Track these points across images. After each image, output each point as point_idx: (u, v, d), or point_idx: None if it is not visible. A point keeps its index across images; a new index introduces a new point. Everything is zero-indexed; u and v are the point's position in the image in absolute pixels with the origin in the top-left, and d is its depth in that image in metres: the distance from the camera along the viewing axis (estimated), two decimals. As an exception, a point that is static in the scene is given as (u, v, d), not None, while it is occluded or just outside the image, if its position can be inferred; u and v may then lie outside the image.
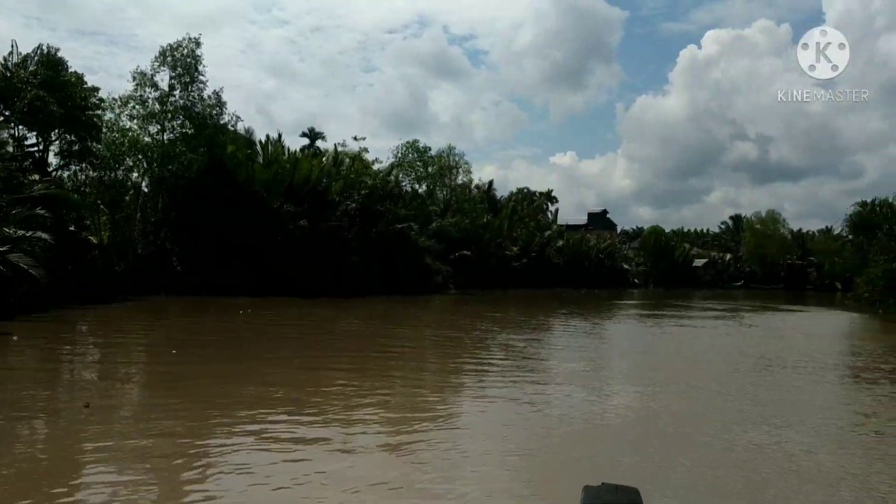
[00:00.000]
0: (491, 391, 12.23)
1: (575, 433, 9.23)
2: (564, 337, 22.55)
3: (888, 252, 31.83)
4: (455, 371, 14.78)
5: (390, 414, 10.20)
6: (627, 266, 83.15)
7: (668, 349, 19.52)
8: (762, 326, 29.17)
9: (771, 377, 14.26)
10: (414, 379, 13.29)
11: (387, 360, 15.57)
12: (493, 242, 60.23)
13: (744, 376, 14.27)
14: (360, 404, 10.57)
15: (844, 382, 13.95)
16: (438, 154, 59.39)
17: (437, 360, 16.31)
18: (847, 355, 18.94)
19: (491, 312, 32.09)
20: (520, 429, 9.52)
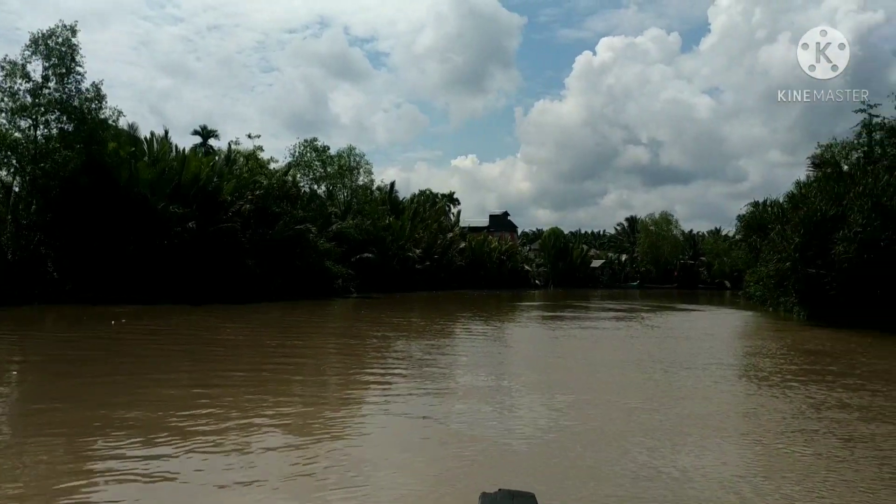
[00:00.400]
0: (392, 407, 10.78)
1: (479, 455, 7.89)
2: (467, 343, 21.24)
3: (780, 251, 32.20)
4: (354, 385, 13.17)
5: (289, 438, 8.62)
6: (528, 267, 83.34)
7: (576, 355, 18.46)
8: (664, 327, 28.84)
9: (686, 386, 13.34)
10: (309, 397, 11.60)
11: (280, 375, 13.81)
12: (395, 245, 58.71)
13: (658, 385, 13.28)
14: (247, 428, 8.85)
15: (762, 390, 13.16)
16: (338, 154, 57.33)
17: (334, 374, 14.63)
18: (754, 356, 18.43)
19: (392, 317, 30.54)
20: (422, 451, 8.41)
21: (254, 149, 45.95)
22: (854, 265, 27.73)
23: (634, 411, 10.62)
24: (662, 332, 26.08)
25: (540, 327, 28.50)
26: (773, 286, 40.38)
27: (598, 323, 30.32)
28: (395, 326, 25.72)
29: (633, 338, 23.85)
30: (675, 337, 23.98)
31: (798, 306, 36.24)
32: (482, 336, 23.56)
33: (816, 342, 22.13)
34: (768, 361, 17.11)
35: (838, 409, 10.97)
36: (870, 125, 34.18)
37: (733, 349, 20.35)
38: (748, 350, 19.82)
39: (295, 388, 12.54)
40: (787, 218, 34.99)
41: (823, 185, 32.67)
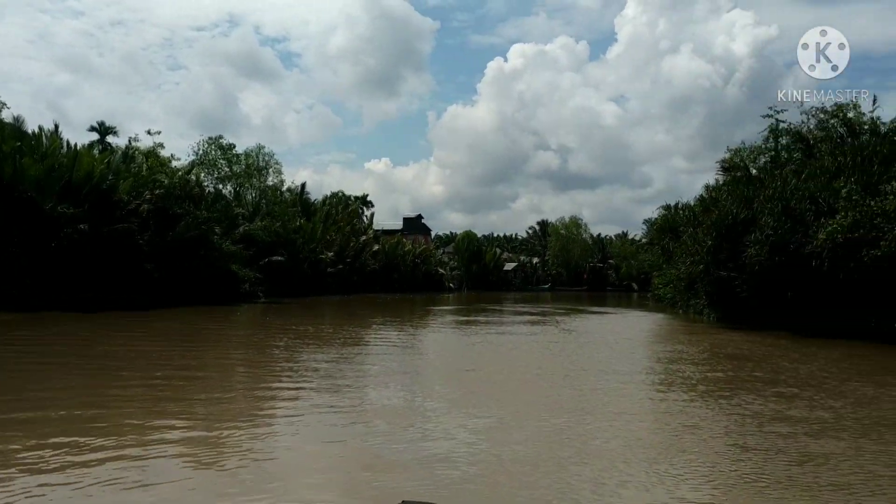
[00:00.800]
0: (295, 429, 9.30)
1: (395, 488, 6.54)
2: (378, 353, 19.74)
3: (693, 254, 32.13)
4: (256, 403, 11.54)
5: (187, 465, 7.03)
6: (442, 270, 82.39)
7: (495, 365, 17.23)
8: (581, 331, 28.16)
9: (618, 399, 12.34)
10: (207, 418, 9.92)
11: (174, 391, 12.02)
12: (306, 247, 56.52)
13: (588, 400, 12.21)
14: (138, 457, 7.16)
15: (696, 401, 12.28)
16: (246, 153, 54.78)
17: (232, 392, 12.89)
18: (678, 363, 17.69)
19: (300, 324, 28.70)
20: (328, 480, 7.30)
21: (154, 146, 43.06)
22: (765, 268, 27.75)
23: (567, 432, 9.44)
24: (581, 338, 25.30)
25: (455, 333, 27.29)
26: (684, 288, 40.63)
27: (515, 328, 29.38)
28: (301, 335, 23.96)
29: (553, 343, 22.93)
30: (595, 342, 23.21)
31: (708, 308, 36.42)
32: (395, 344, 22.14)
33: (734, 346, 21.75)
34: (693, 369, 16.38)
35: (780, 423, 10.13)
36: (776, 130, 34.67)
37: (655, 355, 19.65)
38: (670, 356, 19.13)
39: (193, 408, 10.82)
40: (698, 221, 35.08)
41: (733, 189, 32.85)
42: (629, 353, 19.91)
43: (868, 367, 17.42)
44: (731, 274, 30.71)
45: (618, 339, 24.52)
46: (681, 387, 13.60)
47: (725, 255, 30.69)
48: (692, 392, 12.95)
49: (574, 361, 17.41)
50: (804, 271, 26.72)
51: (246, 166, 54.46)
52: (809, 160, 31.42)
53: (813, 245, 25.72)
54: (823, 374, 15.80)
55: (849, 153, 28.56)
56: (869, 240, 24.14)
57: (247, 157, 54.79)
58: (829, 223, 25.24)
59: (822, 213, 26.83)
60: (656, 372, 15.81)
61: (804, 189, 27.94)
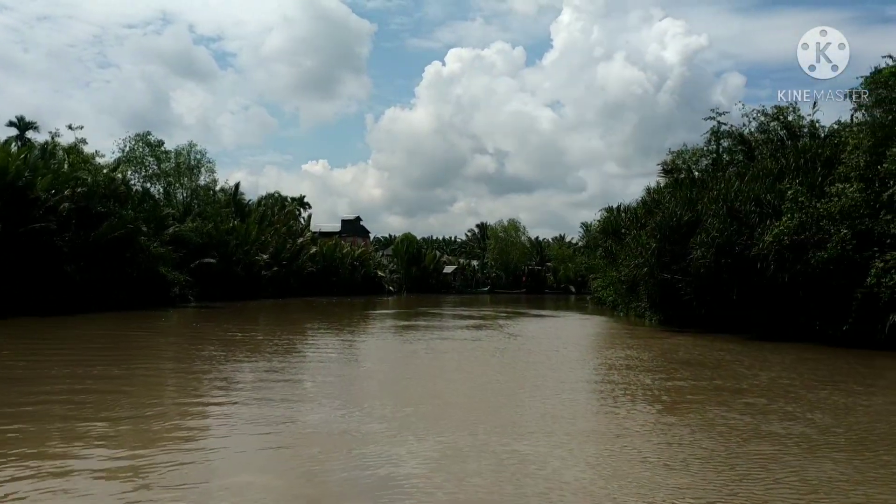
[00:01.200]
0: (209, 461, 7.75)
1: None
2: (314, 363, 18.12)
3: (637, 256, 31.43)
4: (170, 426, 9.89)
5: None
6: (382, 273, 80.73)
7: (442, 377, 15.78)
8: (527, 336, 27.06)
9: (583, 417, 11.18)
10: (121, 442, 8.27)
11: (81, 410, 10.28)
12: (240, 249, 54.17)
13: (551, 419, 10.97)
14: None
15: (666, 416, 11.20)
16: (177, 151, 52.10)
17: (145, 412, 11.18)
18: (634, 371, 16.69)
19: (229, 331, 26.78)
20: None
21: (76, 141, 40.26)
22: (710, 270, 27.19)
23: (533, 460, 8.14)
24: (528, 343, 24.15)
25: (396, 340, 25.81)
26: (626, 291, 40.13)
27: (458, 333, 28.09)
28: (229, 343, 22.08)
29: (501, 350, 21.70)
30: (543, 349, 22.05)
31: (650, 311, 35.92)
32: (332, 353, 20.55)
33: (685, 351, 20.95)
34: (651, 378, 15.36)
35: (762, 440, 9.09)
36: (718, 132, 34.37)
37: (608, 361, 18.58)
38: (625, 363, 18.12)
39: (102, 431, 9.12)
40: (641, 223, 34.53)
41: (676, 191, 32.35)
42: (581, 361, 18.86)
43: (825, 372, 16.74)
44: (674, 276, 30.14)
45: (566, 345, 23.52)
46: (645, 399, 12.48)
47: (669, 258, 30.10)
48: (657, 404, 11.86)
49: (526, 371, 16.18)
50: (749, 274, 26.26)
51: (176, 164, 51.78)
52: (752, 162, 31.13)
53: (759, 247, 25.25)
54: (784, 381, 14.99)
55: (791, 155, 28.27)
56: (815, 241, 23.78)
57: (177, 155, 52.10)
58: (775, 225, 24.79)
59: (767, 216, 26.41)
60: (615, 382, 14.70)
61: (748, 191, 27.51)
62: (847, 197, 23.20)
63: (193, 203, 53.39)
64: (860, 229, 22.89)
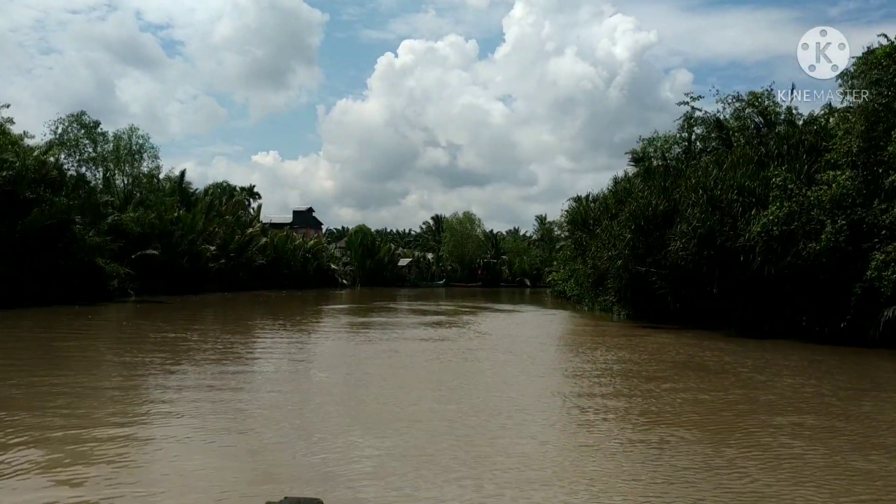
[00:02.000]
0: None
1: None
2: (257, 373, 15.23)
3: (610, 248, 29.27)
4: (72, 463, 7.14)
5: None
6: (335, 266, 77.60)
7: (415, 392, 12.83)
8: (497, 335, 24.68)
9: (599, 449, 8.81)
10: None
11: None
12: (185, 240, 50.60)
13: (555, 453, 8.58)
14: None
15: (703, 442, 8.88)
16: (117, 135, 48.24)
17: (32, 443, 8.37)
18: (639, 380, 14.41)
19: (165, 330, 23.65)
20: None
21: (2, 121, 36.34)
22: (691, 263, 25.22)
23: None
24: (501, 343, 21.71)
25: (354, 341, 22.98)
26: (592, 284, 38.14)
27: (421, 331, 25.53)
28: (158, 347, 18.97)
29: (472, 352, 19.17)
30: (521, 350, 19.61)
31: (618, 305, 33.98)
32: (280, 359, 17.68)
33: (675, 351, 18.86)
34: (658, 387, 13.07)
35: (869, 483, 6.80)
36: (691, 118, 32.52)
37: (602, 366, 16.21)
38: (619, 367, 15.86)
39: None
40: (612, 213, 32.49)
41: (649, 179, 30.33)
42: (572, 366, 16.51)
43: (846, 377, 14.73)
44: (649, 269, 28.16)
45: (544, 345, 21.22)
46: (675, 421, 10.05)
47: (644, 249, 28.10)
48: (696, 429, 9.45)
49: (511, 383, 13.67)
50: (732, 266, 24.37)
51: (116, 150, 47.95)
52: (729, 150, 29.31)
53: (745, 238, 23.34)
54: (809, 389, 12.89)
55: (773, 142, 26.45)
56: (806, 232, 21.95)
57: (117, 139, 48.27)
58: (763, 215, 22.87)
59: (751, 205, 24.54)
60: (624, 394, 12.32)
61: (730, 179, 25.59)
62: (839, 185, 21.36)
63: (135, 191, 49.67)
64: (852, 219, 21.13)
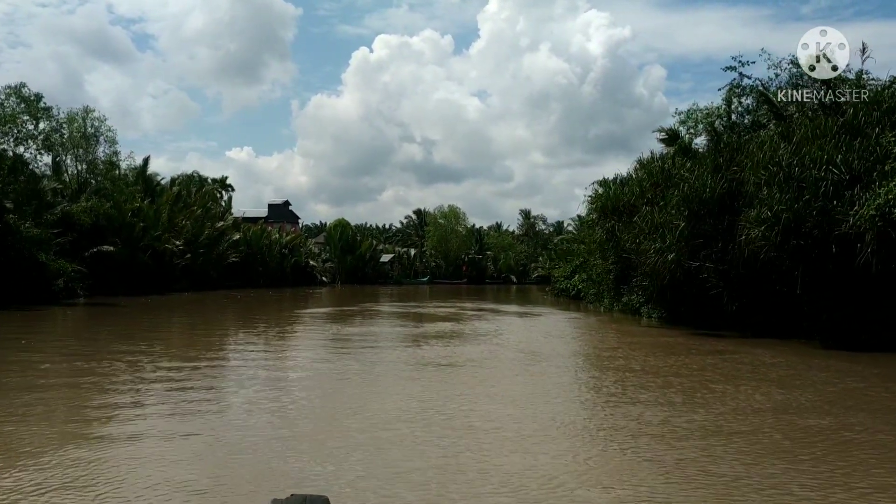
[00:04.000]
0: None
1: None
2: (225, 407, 9.65)
3: (658, 239, 23.67)
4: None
5: None
6: (314, 262, 71.35)
7: (462, 465, 7.45)
8: (537, 353, 18.99)
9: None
10: None
11: None
12: (148, 234, 44.27)
13: None
14: None
15: None
16: (70, 116, 41.70)
17: None
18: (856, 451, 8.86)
19: (118, 340, 17.73)
20: None
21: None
22: (769, 255, 19.77)
23: None
24: (551, 371, 15.94)
25: (347, 365, 16.81)
26: (614, 281, 32.69)
27: (436, 350, 19.59)
28: (108, 360, 13.12)
29: (512, 379, 13.47)
30: (598, 385, 13.92)
31: (648, 306, 28.57)
32: (249, 386, 11.89)
33: (828, 380, 13.33)
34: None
35: None
36: (739, 88, 27.18)
37: (760, 419, 10.60)
38: (801, 420, 10.24)
39: None
40: (648, 198, 26.95)
41: (696, 158, 24.82)
42: (711, 416, 10.82)
43: None
44: (704, 264, 22.72)
45: (622, 369, 15.47)
46: None
47: (703, 241, 22.63)
48: None
49: (586, 426, 8.01)
50: (824, 261, 19.02)
51: (69, 132, 41.47)
52: (782, 121, 24.09)
53: (849, 224, 17.95)
54: None
55: (861, 109, 21.07)
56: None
57: (70, 121, 41.74)
58: (877, 193, 17.49)
59: (844, 183, 19.19)
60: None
61: (815, 152, 20.17)
62: None
63: (90, 178, 43.21)
64: None
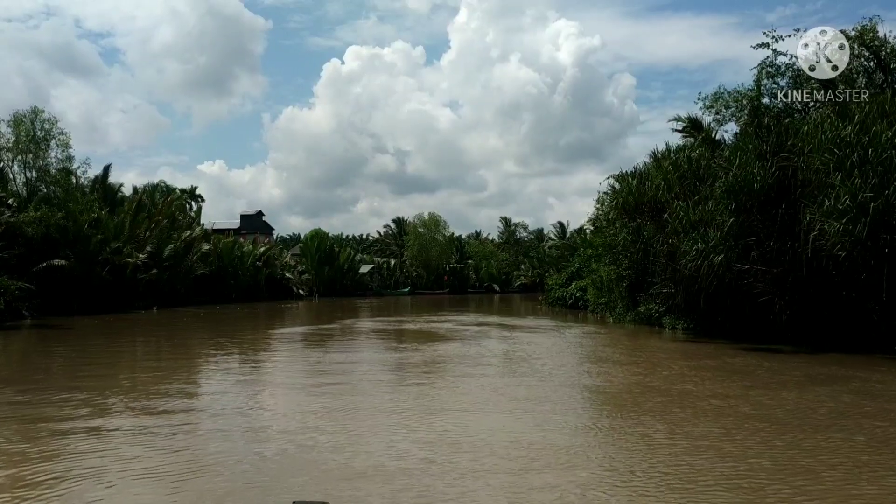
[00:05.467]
0: None
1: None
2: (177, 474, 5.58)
3: (699, 239, 19.93)
4: None
5: None
6: (290, 275, 66.78)
7: None
8: (591, 390, 15.07)
9: None
10: None
11: None
12: (107, 247, 39.61)
13: None
14: None
15: None
16: (16, 118, 37.16)
17: None
18: None
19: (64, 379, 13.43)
20: None
21: None
22: (853, 254, 16.16)
23: None
24: (611, 401, 12.09)
25: (333, 404, 12.81)
26: (627, 289, 28.99)
27: (442, 380, 15.76)
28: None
29: (596, 441, 9.57)
30: (688, 433, 10.04)
31: (673, 316, 24.89)
32: (208, 440, 7.89)
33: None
34: None
35: None
36: (772, 67, 23.65)
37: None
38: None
39: None
40: (676, 193, 23.22)
41: (743, 143, 21.15)
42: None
43: None
44: (755, 267, 19.06)
45: (722, 411, 11.56)
46: None
47: (756, 238, 18.95)
48: None
49: None
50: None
51: (15, 136, 36.94)
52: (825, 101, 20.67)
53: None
54: None
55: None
56: None
57: (16, 122, 37.20)
58: None
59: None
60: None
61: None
62: None
63: (40, 186, 38.59)
64: None
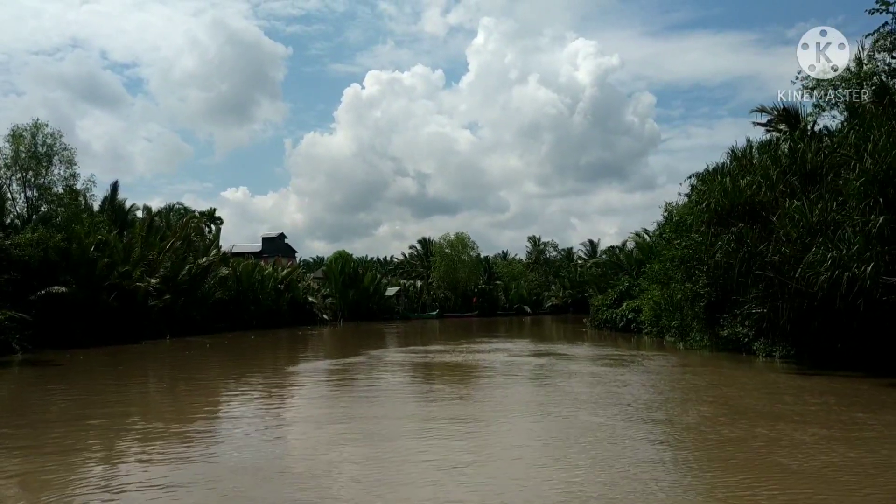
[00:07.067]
0: None
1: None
2: None
3: (836, 245, 15.49)
4: None
5: None
6: (313, 298, 62.73)
7: None
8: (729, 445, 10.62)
9: None
10: None
11: None
12: (115, 271, 35.79)
13: None
14: None
15: None
16: (15, 132, 33.70)
17: None
18: None
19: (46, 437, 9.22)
20: None
21: None
22: None
23: None
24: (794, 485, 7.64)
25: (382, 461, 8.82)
26: (704, 310, 24.48)
27: (502, 418, 11.44)
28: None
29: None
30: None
31: (761, 340, 20.39)
32: None
33: None
34: None
35: None
36: (893, 36, 19.30)
37: None
38: None
39: None
40: (782, 191, 18.77)
41: (879, 122, 16.75)
42: None
43: None
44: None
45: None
46: None
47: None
48: None
49: None
50: None
51: (13, 151, 33.45)
52: None
53: None
54: None
55: None
56: None
57: (16, 138, 33.71)
58: None
59: None
60: None
61: None
62: None
63: (42, 205, 34.99)
64: None
